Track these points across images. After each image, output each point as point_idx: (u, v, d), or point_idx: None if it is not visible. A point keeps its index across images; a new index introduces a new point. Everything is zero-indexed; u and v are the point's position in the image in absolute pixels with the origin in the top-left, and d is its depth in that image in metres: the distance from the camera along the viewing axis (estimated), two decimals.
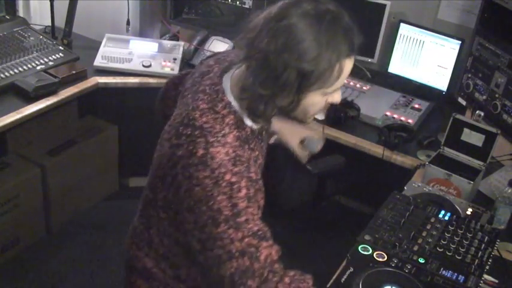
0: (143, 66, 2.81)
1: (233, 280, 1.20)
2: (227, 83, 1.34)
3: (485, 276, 1.58)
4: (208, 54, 2.98)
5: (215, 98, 1.31)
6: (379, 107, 2.71)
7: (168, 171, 1.31)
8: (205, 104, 1.31)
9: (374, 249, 1.59)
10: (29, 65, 2.59)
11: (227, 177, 1.21)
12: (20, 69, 2.55)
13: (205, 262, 1.25)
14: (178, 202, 1.29)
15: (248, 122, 1.33)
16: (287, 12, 1.21)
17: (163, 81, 2.85)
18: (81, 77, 2.67)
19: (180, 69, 2.87)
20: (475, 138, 2.09)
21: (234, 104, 1.31)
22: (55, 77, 2.56)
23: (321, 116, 2.56)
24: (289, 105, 1.26)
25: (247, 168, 1.26)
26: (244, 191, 1.23)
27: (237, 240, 1.20)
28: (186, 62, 2.96)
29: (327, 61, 1.20)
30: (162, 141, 1.40)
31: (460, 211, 1.90)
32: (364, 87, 2.86)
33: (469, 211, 1.91)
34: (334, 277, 1.54)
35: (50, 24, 2.93)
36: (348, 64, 1.26)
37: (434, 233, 1.69)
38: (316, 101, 1.29)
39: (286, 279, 1.23)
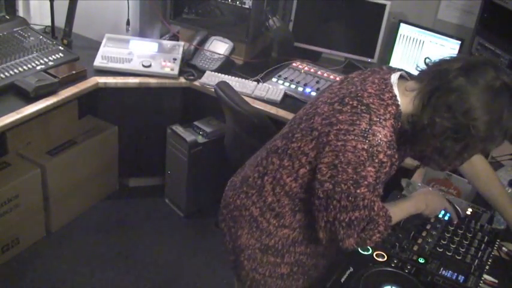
0: (143, 66, 2.81)
1: (352, 224, 1.46)
2: (395, 79, 1.51)
3: (485, 276, 1.58)
4: (208, 54, 2.98)
5: (383, 89, 1.49)
6: None
7: (319, 128, 1.49)
8: (373, 90, 1.49)
9: (374, 249, 1.59)
10: (29, 65, 2.59)
11: (381, 156, 1.42)
12: (20, 69, 2.55)
13: (327, 205, 1.47)
14: (316, 156, 1.48)
15: (403, 119, 1.48)
16: (471, 77, 1.38)
17: (163, 81, 2.89)
18: (81, 77, 2.67)
19: (180, 70, 2.87)
20: None
21: (399, 99, 1.47)
22: (55, 77, 2.56)
23: None
24: (450, 153, 1.44)
25: (395, 153, 1.45)
26: (387, 169, 1.45)
27: (367, 199, 1.44)
28: (186, 62, 2.96)
29: (497, 139, 1.42)
30: (316, 102, 1.58)
31: (460, 211, 1.90)
32: None
33: (469, 211, 1.91)
34: (334, 277, 1.55)
35: (50, 24, 2.93)
36: (502, 143, 1.47)
37: (434, 233, 1.69)
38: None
39: (380, 212, 1.49)
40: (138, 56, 2.85)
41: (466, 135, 1.38)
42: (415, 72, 1.54)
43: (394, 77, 1.51)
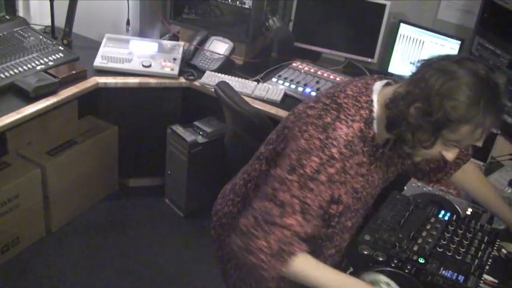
0: (143, 66, 2.81)
1: (253, 212, 1.38)
2: (378, 87, 1.45)
3: (485, 276, 1.57)
4: (208, 54, 2.98)
5: (363, 92, 1.44)
6: None
7: (290, 124, 1.46)
8: (352, 92, 1.45)
9: (374, 249, 1.59)
10: (29, 65, 2.59)
11: (334, 150, 1.35)
12: (20, 69, 2.55)
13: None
14: (281, 152, 1.43)
15: (375, 128, 1.42)
16: (462, 63, 1.30)
17: (163, 81, 2.89)
18: (81, 77, 2.67)
19: (180, 70, 2.87)
20: None
21: (375, 105, 1.42)
22: (55, 77, 2.56)
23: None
24: (422, 143, 1.34)
25: (350, 156, 1.38)
26: (333, 171, 1.36)
27: (290, 193, 1.35)
28: (186, 62, 2.96)
29: (473, 123, 1.29)
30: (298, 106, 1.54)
31: (460, 211, 1.90)
32: None
33: (469, 211, 1.91)
34: None
35: (50, 24, 2.93)
36: (484, 136, 1.35)
37: (434, 233, 1.69)
38: (436, 147, 1.36)
39: (287, 233, 1.35)
40: (138, 56, 2.85)
41: (442, 116, 1.29)
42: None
43: (378, 84, 1.46)
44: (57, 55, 2.73)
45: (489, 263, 1.60)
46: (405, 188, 2.02)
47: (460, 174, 1.80)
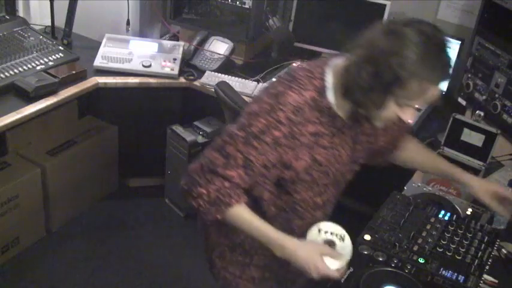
0: (143, 66, 2.81)
1: (202, 159, 1.49)
2: (334, 62, 1.51)
3: (485, 276, 1.57)
4: (208, 54, 2.98)
5: (318, 65, 1.51)
6: None
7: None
8: (308, 66, 1.52)
9: (374, 249, 1.59)
10: (29, 65, 2.59)
11: (280, 114, 1.42)
12: (20, 69, 2.55)
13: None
14: None
15: (330, 97, 1.47)
16: (408, 23, 1.35)
17: (163, 81, 2.89)
18: (81, 77, 2.67)
19: (180, 70, 2.87)
20: (475, 138, 2.09)
21: (328, 75, 1.47)
22: (55, 77, 2.56)
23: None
24: (375, 103, 1.39)
25: (300, 123, 1.43)
26: (278, 134, 1.43)
27: (235, 147, 1.44)
28: (186, 62, 2.96)
29: (421, 79, 1.34)
30: None
31: (460, 211, 1.90)
32: None
33: (469, 211, 1.91)
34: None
35: (50, 24, 2.93)
36: (434, 91, 1.39)
37: (434, 233, 1.69)
38: (391, 107, 1.41)
39: (226, 184, 1.45)
40: (138, 56, 2.85)
41: (390, 74, 1.33)
42: None
43: (334, 59, 1.51)
44: (57, 55, 2.73)
45: (489, 263, 1.60)
46: (405, 188, 2.02)
47: (405, 153, 1.84)
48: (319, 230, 1.54)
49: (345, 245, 1.52)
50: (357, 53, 1.40)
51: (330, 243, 1.52)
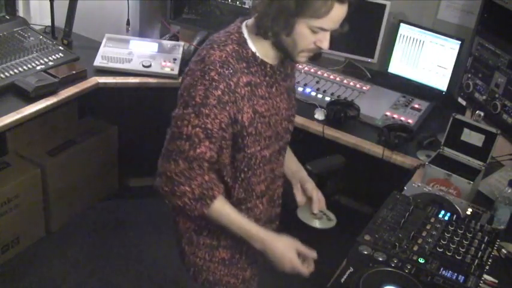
0: (143, 66, 2.81)
1: (170, 155, 1.52)
2: (246, 20, 1.56)
3: (485, 276, 1.58)
4: None
5: (231, 25, 1.57)
6: (379, 107, 2.71)
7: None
8: (224, 30, 1.57)
9: (374, 249, 1.59)
10: (29, 65, 2.59)
11: (212, 73, 1.45)
12: (20, 69, 2.55)
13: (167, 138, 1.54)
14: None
15: (251, 46, 1.52)
16: None
17: (163, 81, 2.89)
18: (81, 77, 2.67)
19: (180, 70, 2.87)
20: (475, 138, 2.09)
21: (244, 28, 1.53)
22: (55, 77, 2.56)
23: (321, 116, 2.57)
24: (285, 28, 1.44)
25: (231, 74, 1.47)
26: (219, 92, 1.46)
27: (191, 125, 1.47)
28: (186, 62, 2.95)
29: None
30: None
31: (460, 211, 1.90)
32: (364, 87, 2.86)
33: (469, 211, 1.91)
34: (334, 277, 1.55)
35: (50, 24, 2.93)
36: (338, 9, 1.45)
37: (434, 233, 1.69)
38: (305, 33, 1.45)
39: (206, 177, 1.52)
40: (138, 56, 2.85)
41: None
42: None
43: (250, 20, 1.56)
44: (57, 55, 2.73)
45: (489, 263, 1.60)
46: (405, 188, 2.02)
47: None
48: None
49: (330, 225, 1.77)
50: None
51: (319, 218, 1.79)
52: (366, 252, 1.58)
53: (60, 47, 2.79)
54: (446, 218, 1.77)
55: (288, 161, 1.83)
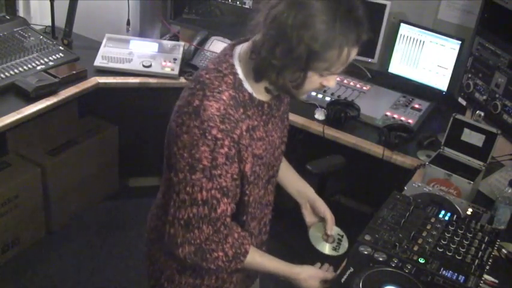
0: (143, 66, 2.81)
1: (188, 223, 1.38)
2: (237, 50, 1.43)
3: (486, 276, 1.57)
4: (208, 54, 2.98)
5: (222, 60, 1.42)
6: (379, 107, 2.71)
7: (170, 123, 1.42)
8: (213, 65, 1.42)
9: (374, 249, 1.59)
10: (29, 65, 2.59)
11: (214, 131, 1.32)
12: (20, 69, 2.55)
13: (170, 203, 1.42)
14: (172, 154, 1.39)
15: (248, 88, 1.40)
16: None
17: (164, 81, 2.89)
18: (81, 77, 2.67)
19: (180, 70, 2.87)
20: (475, 138, 2.09)
21: (238, 67, 1.40)
22: (55, 77, 2.56)
23: (321, 116, 2.57)
24: (295, 80, 1.33)
25: (233, 128, 1.35)
26: (225, 149, 1.34)
27: (205, 190, 1.36)
28: (186, 62, 2.96)
29: (337, 46, 1.28)
30: None
31: (460, 211, 1.90)
32: (364, 87, 2.86)
33: (469, 211, 1.91)
34: (334, 277, 1.55)
35: (50, 24, 2.93)
36: (353, 53, 1.35)
37: (434, 233, 1.69)
38: (313, 80, 1.36)
39: (235, 235, 1.46)
40: (139, 56, 2.86)
41: (304, 49, 1.26)
42: None
43: (238, 47, 1.43)
44: (57, 55, 2.73)
45: (489, 263, 1.60)
46: (405, 188, 2.02)
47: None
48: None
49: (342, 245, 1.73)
50: (264, 32, 1.30)
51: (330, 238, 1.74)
52: (366, 252, 1.58)
53: (61, 47, 2.79)
54: (446, 218, 1.77)
55: (290, 179, 1.78)
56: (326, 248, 1.73)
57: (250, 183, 1.47)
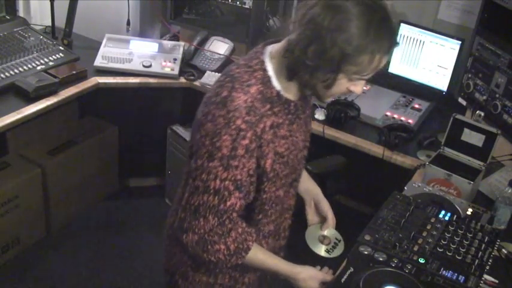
0: (143, 66, 2.81)
1: (197, 210, 1.40)
2: (269, 49, 1.46)
3: (486, 276, 1.57)
4: (208, 54, 2.98)
5: (252, 57, 1.45)
6: (379, 107, 2.71)
7: (197, 114, 1.44)
8: (244, 61, 1.45)
9: (374, 249, 1.59)
10: (29, 65, 2.59)
11: (238, 122, 1.34)
12: (20, 69, 2.55)
13: (187, 186, 1.45)
14: (196, 142, 1.41)
15: (276, 85, 1.42)
16: None
17: (164, 81, 2.89)
18: (81, 77, 2.67)
19: (180, 70, 2.87)
20: (475, 138, 2.09)
21: (268, 64, 1.42)
22: (55, 77, 2.56)
23: (321, 116, 2.57)
24: (325, 81, 1.35)
25: (258, 121, 1.37)
26: (246, 141, 1.36)
27: (219, 179, 1.37)
28: (186, 62, 2.96)
29: (369, 51, 1.30)
30: None
31: (460, 211, 1.90)
32: (364, 87, 2.86)
33: (469, 211, 1.91)
34: (334, 277, 1.55)
35: (50, 24, 2.93)
36: (384, 60, 1.36)
37: (434, 233, 1.69)
38: (342, 83, 1.38)
39: (239, 230, 1.45)
40: (139, 56, 2.86)
41: (338, 52, 1.29)
42: None
43: (269, 46, 1.46)
44: (57, 55, 2.73)
45: (489, 263, 1.60)
46: (405, 188, 2.02)
47: None
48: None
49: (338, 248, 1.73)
50: (300, 31, 1.33)
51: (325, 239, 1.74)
52: (366, 252, 1.58)
53: (61, 47, 2.79)
54: (446, 218, 1.77)
55: (302, 178, 1.77)
56: (319, 249, 1.74)
57: (269, 180, 1.48)
